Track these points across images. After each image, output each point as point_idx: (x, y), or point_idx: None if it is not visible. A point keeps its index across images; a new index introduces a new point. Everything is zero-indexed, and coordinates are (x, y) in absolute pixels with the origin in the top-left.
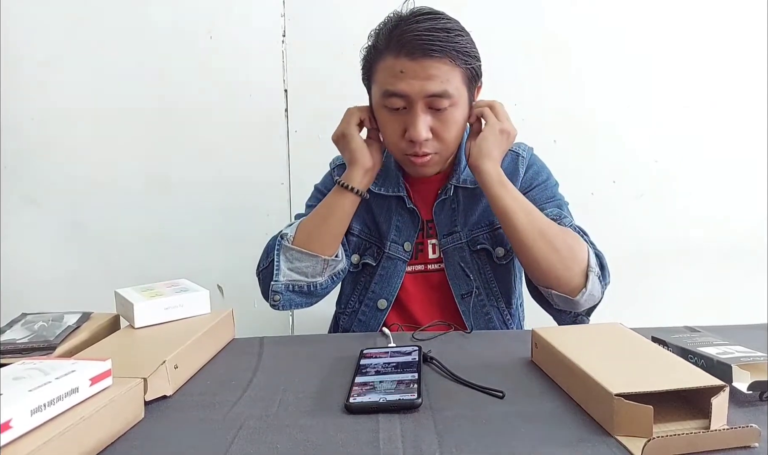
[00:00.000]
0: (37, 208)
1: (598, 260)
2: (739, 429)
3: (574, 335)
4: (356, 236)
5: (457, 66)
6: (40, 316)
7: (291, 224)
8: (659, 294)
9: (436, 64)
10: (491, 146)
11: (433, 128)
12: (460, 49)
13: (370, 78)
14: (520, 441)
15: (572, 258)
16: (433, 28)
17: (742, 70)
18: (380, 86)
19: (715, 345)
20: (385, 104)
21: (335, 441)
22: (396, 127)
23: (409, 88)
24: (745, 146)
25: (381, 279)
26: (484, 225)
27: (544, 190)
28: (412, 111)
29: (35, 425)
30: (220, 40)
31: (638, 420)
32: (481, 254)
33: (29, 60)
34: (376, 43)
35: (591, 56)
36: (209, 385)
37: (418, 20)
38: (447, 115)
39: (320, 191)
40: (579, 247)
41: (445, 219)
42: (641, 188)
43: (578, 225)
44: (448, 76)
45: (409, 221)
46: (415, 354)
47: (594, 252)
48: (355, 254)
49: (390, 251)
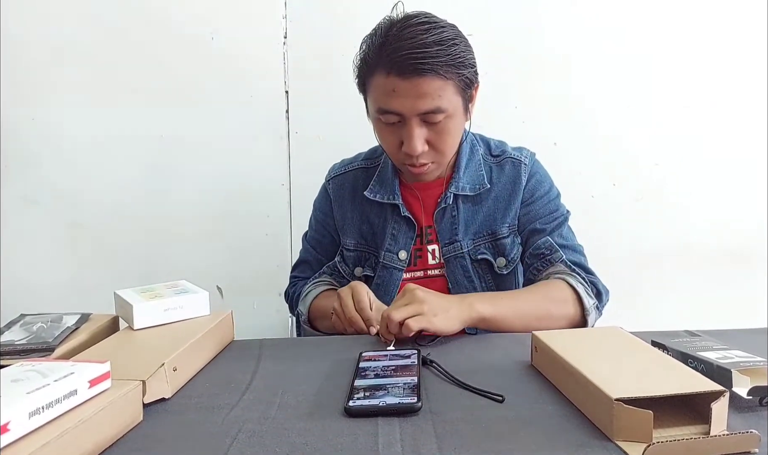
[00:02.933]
0: (37, 208)
1: (593, 288)
2: (739, 435)
3: (573, 339)
4: (353, 250)
5: (449, 79)
6: (39, 317)
7: (302, 297)
8: (659, 297)
9: (427, 82)
10: (441, 310)
11: (428, 139)
12: (452, 61)
13: (365, 90)
14: (520, 445)
15: (566, 317)
16: (424, 44)
17: (741, 72)
18: (374, 102)
19: (715, 349)
20: (380, 119)
21: (334, 445)
22: (393, 139)
23: (402, 107)
24: (745, 148)
25: (378, 288)
26: (485, 235)
27: (547, 204)
28: (406, 126)
29: (33, 427)
30: (221, 41)
31: (638, 424)
32: (483, 264)
33: (29, 60)
34: (368, 56)
35: (591, 58)
36: (208, 388)
37: (409, 34)
38: (442, 126)
39: (316, 214)
40: (570, 306)
41: (446, 228)
42: (641, 190)
43: (573, 246)
44: (440, 92)
45: (405, 229)
46: (414, 357)
47: (585, 286)
48: (357, 266)
49: (385, 260)
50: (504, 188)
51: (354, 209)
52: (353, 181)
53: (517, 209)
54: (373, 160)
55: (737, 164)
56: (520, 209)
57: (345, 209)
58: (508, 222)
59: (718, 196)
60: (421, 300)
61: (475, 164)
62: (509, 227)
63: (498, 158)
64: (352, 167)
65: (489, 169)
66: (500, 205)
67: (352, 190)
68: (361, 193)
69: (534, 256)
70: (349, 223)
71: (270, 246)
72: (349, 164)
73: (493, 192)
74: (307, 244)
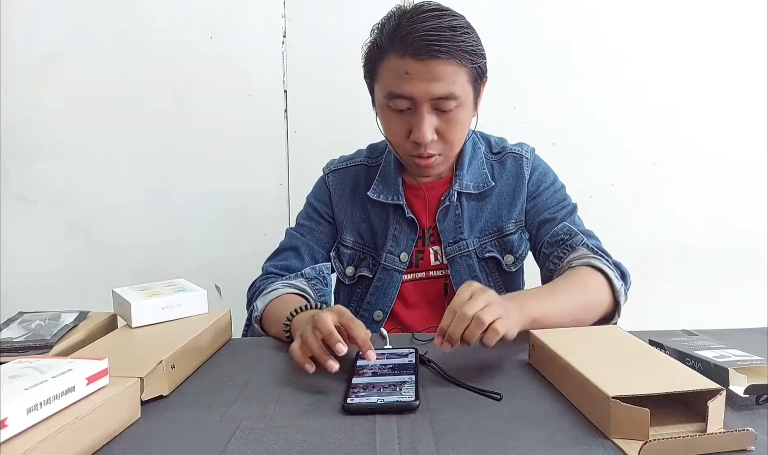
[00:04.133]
0: (36, 207)
1: (617, 271)
2: (736, 433)
3: (571, 337)
4: (350, 247)
5: (463, 66)
6: (37, 315)
7: (265, 292)
8: (657, 297)
9: (442, 66)
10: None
11: (438, 128)
12: (466, 48)
13: (373, 76)
14: (517, 443)
15: (603, 304)
16: (439, 27)
17: (741, 72)
18: (384, 87)
19: (712, 348)
20: (389, 105)
21: (332, 442)
22: (400, 128)
23: (415, 90)
24: (744, 148)
25: (377, 291)
26: (491, 232)
27: (554, 194)
28: (417, 113)
29: (31, 424)
30: (220, 40)
31: (635, 422)
32: (490, 262)
33: (29, 60)
34: (379, 40)
35: (590, 58)
36: (206, 385)
37: (423, 18)
38: (453, 116)
39: (311, 204)
40: (604, 291)
41: (449, 227)
42: (640, 190)
43: (588, 233)
44: (454, 78)
45: (408, 231)
46: (411, 356)
47: (611, 268)
48: (350, 266)
49: (386, 262)
50: (507, 184)
51: (354, 207)
52: (354, 177)
53: (522, 204)
54: (374, 158)
55: (737, 164)
56: (526, 203)
57: (344, 205)
58: (514, 218)
59: (717, 196)
60: (489, 294)
61: (477, 162)
62: (516, 223)
63: (499, 155)
64: (354, 163)
65: (491, 166)
66: (505, 201)
67: (353, 186)
68: (362, 190)
69: (553, 244)
70: (348, 220)
71: (268, 245)
72: (350, 160)
73: (497, 189)
74: (295, 232)
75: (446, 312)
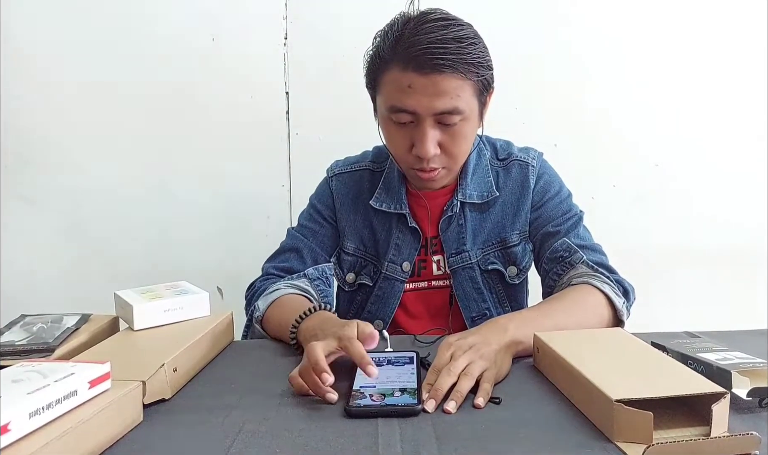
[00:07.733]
0: (37, 208)
1: (619, 287)
2: (740, 437)
3: (575, 340)
4: (351, 254)
5: (469, 79)
6: (39, 318)
7: (267, 292)
8: (659, 299)
9: (446, 80)
10: (485, 344)
11: (441, 142)
12: (472, 60)
13: (375, 87)
14: (520, 446)
15: (601, 324)
16: (444, 39)
17: (742, 72)
18: (386, 100)
19: (715, 350)
20: (391, 118)
21: (334, 446)
22: (403, 141)
23: (418, 104)
24: (745, 149)
25: (377, 300)
26: (494, 243)
27: (559, 204)
28: (419, 127)
29: (34, 428)
30: (222, 42)
31: (638, 426)
32: (493, 274)
33: (30, 60)
34: (382, 51)
35: (592, 59)
36: (208, 388)
37: (428, 28)
38: (456, 130)
39: (314, 206)
40: (603, 311)
41: (452, 237)
42: (641, 191)
43: (593, 246)
44: (458, 92)
45: (410, 240)
46: (413, 359)
47: (612, 286)
48: (350, 273)
49: (387, 271)
50: (512, 193)
51: (356, 212)
52: (358, 182)
53: (527, 214)
54: (379, 163)
55: (737, 164)
56: (530, 213)
57: (347, 211)
58: (518, 229)
59: (719, 197)
60: (464, 347)
61: (482, 170)
62: (520, 234)
63: (504, 162)
64: (359, 167)
65: (496, 174)
66: (509, 211)
67: (356, 192)
68: (365, 197)
69: (552, 260)
70: (351, 226)
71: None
72: (355, 164)
73: (501, 198)
74: (297, 233)
75: (429, 372)
